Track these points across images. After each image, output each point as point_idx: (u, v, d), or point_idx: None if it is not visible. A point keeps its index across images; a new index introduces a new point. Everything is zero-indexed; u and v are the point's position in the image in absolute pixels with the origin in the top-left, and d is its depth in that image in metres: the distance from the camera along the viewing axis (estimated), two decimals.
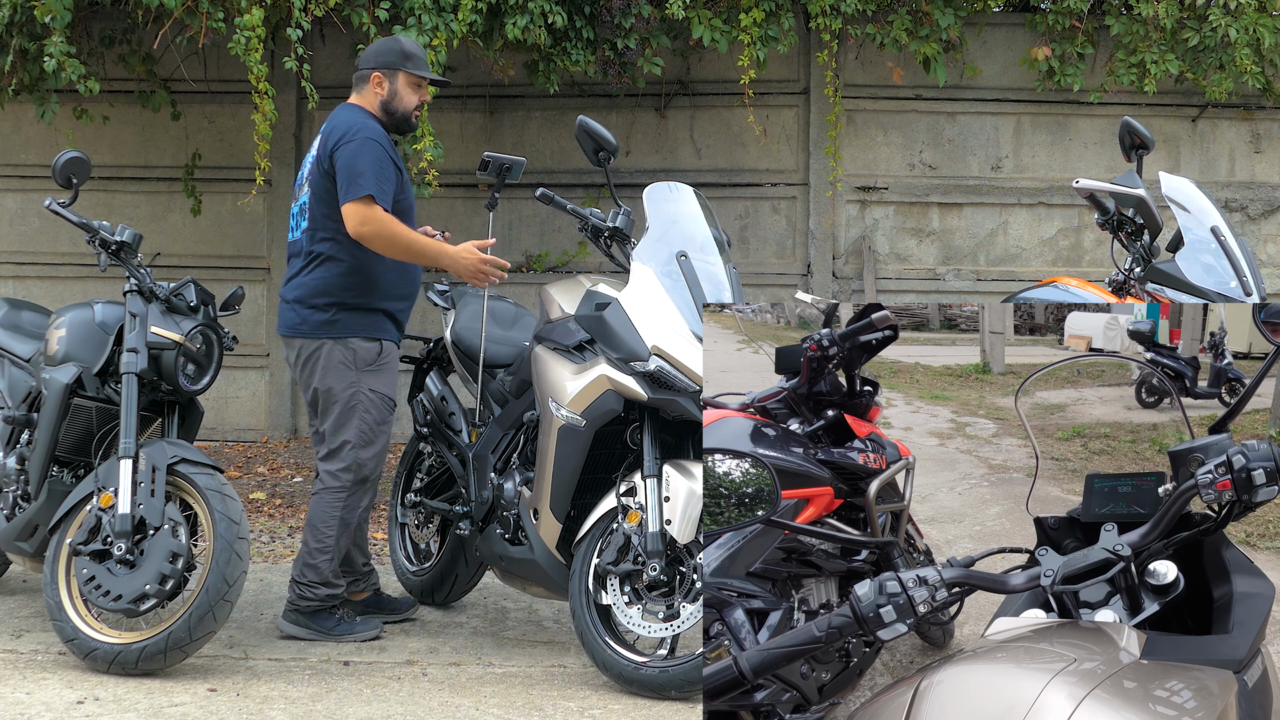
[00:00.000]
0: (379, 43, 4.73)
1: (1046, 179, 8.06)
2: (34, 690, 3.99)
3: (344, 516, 4.52)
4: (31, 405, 4.78)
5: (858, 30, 7.44)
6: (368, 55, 4.64)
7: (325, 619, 4.56)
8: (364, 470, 4.52)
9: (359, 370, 4.49)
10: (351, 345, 4.48)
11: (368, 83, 4.58)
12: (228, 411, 8.25)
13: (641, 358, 4.04)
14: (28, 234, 8.34)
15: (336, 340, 4.47)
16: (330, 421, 4.51)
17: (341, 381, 4.47)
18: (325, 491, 4.52)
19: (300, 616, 4.55)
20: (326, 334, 4.47)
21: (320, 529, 4.50)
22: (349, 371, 4.48)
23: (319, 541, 4.50)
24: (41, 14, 6.29)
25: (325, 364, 4.48)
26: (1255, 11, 7.01)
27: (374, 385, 4.52)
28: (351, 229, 4.35)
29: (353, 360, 4.48)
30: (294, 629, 4.56)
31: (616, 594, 4.06)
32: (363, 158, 4.36)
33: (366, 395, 4.50)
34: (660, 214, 4.30)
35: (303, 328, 4.51)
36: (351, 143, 4.39)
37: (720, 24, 7.09)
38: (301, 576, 4.53)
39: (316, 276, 4.49)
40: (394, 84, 4.56)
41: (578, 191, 7.86)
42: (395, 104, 4.57)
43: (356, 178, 4.34)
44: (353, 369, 4.48)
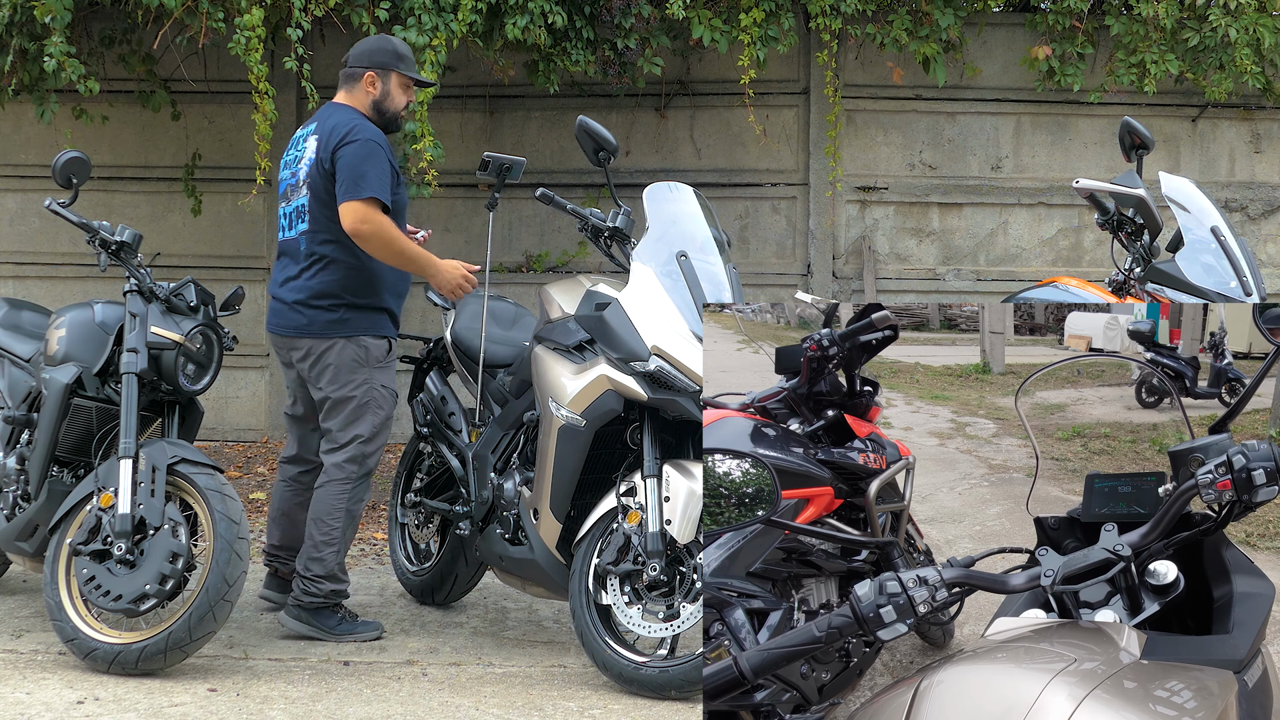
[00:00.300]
0: (369, 41, 4.75)
1: (1046, 179, 8.06)
2: (34, 690, 3.99)
3: (350, 508, 4.55)
4: (31, 405, 4.78)
5: (858, 30, 7.44)
6: (359, 54, 4.65)
7: (328, 617, 4.56)
8: (369, 464, 4.58)
9: (371, 367, 4.54)
10: (363, 343, 4.53)
11: (359, 81, 4.61)
12: (228, 411, 8.25)
13: (641, 358, 4.04)
14: (28, 234, 8.34)
15: (348, 339, 4.52)
16: (342, 417, 4.54)
17: (356, 378, 4.52)
18: (331, 484, 4.54)
19: (303, 613, 4.54)
20: (338, 333, 4.51)
21: (327, 521, 4.52)
22: (362, 369, 4.53)
23: (325, 534, 4.51)
24: (41, 14, 6.29)
25: (338, 362, 4.51)
26: (1255, 11, 7.01)
27: (384, 381, 4.59)
28: (349, 225, 4.38)
29: (365, 358, 4.53)
30: (297, 625, 4.55)
31: (616, 594, 4.06)
32: (367, 159, 4.40)
33: (379, 391, 4.56)
34: (660, 214, 4.30)
35: (311, 328, 4.53)
36: (355, 143, 4.42)
37: (720, 24, 7.09)
38: (307, 571, 4.52)
39: (322, 278, 4.52)
40: (387, 84, 4.60)
41: (578, 191, 7.86)
42: (387, 104, 4.61)
43: (360, 179, 4.37)
44: (365, 366, 4.53)
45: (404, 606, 5.10)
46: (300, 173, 4.58)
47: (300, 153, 4.60)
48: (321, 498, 4.54)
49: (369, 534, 6.27)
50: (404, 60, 4.64)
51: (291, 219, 4.61)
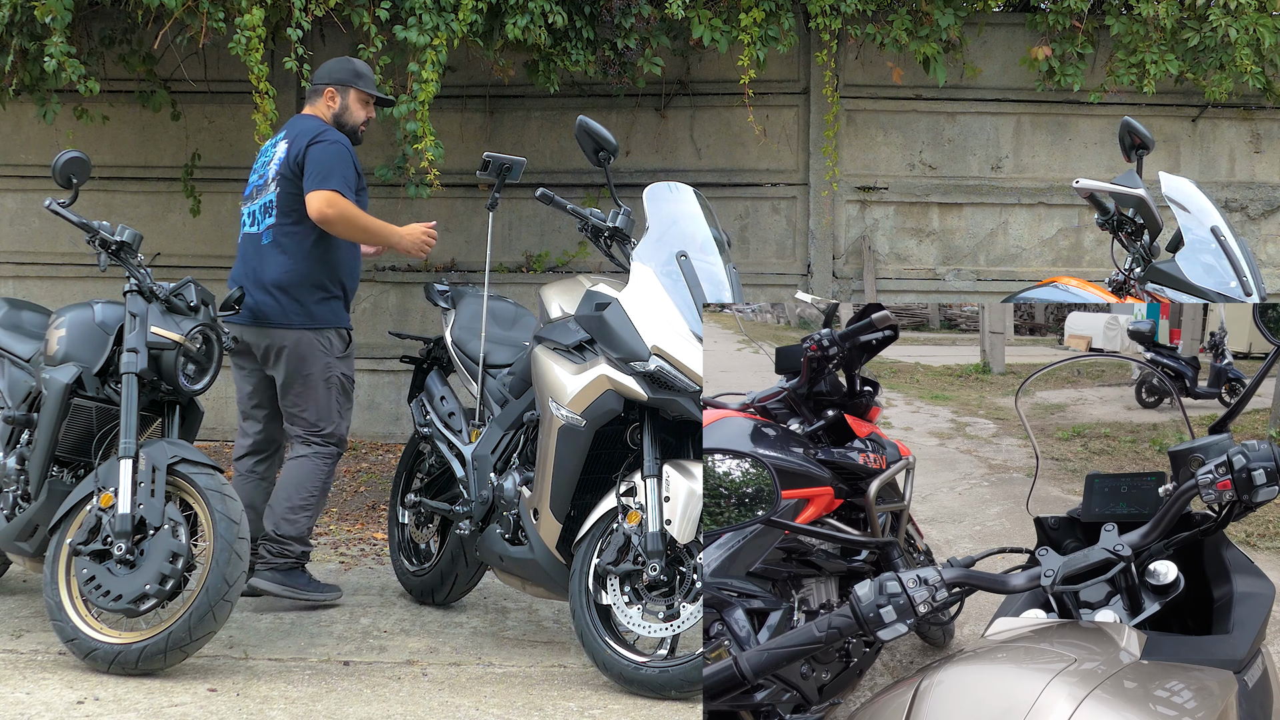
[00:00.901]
0: (332, 61, 5.19)
1: (1046, 179, 8.06)
2: (34, 690, 3.99)
3: (326, 481, 4.95)
4: (31, 405, 4.79)
5: (858, 30, 7.43)
6: (321, 72, 5.12)
7: (298, 576, 4.89)
8: (344, 443, 5.03)
9: (332, 356, 4.94)
10: (325, 335, 4.93)
11: (321, 96, 5.06)
12: (228, 411, 8.24)
13: (641, 358, 4.04)
14: (28, 234, 8.34)
15: (313, 330, 4.90)
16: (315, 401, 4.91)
17: (319, 364, 4.90)
18: (314, 456, 4.91)
19: (276, 574, 4.84)
20: (303, 323, 4.89)
21: (307, 486, 4.88)
22: (325, 356, 4.92)
23: (303, 499, 4.87)
24: (41, 14, 6.29)
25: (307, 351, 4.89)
26: (1255, 11, 7.00)
27: (344, 370, 5.00)
28: (315, 210, 4.76)
29: (328, 347, 4.93)
30: (268, 585, 4.82)
31: (616, 594, 4.06)
32: (336, 159, 4.81)
33: (340, 378, 4.97)
34: (660, 214, 4.30)
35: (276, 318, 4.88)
36: (323, 143, 4.83)
37: (720, 24, 7.09)
38: (279, 531, 4.84)
39: (287, 270, 4.87)
40: (345, 99, 5.04)
41: (578, 191, 7.86)
42: (345, 118, 5.03)
43: (329, 173, 4.78)
44: (328, 354, 4.93)
45: (404, 606, 5.10)
46: (269, 173, 4.96)
47: (269, 157, 5.00)
48: (298, 466, 4.90)
49: (369, 534, 6.27)
50: (362, 78, 5.06)
51: (256, 215, 4.99)
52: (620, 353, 4.08)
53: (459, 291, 5.14)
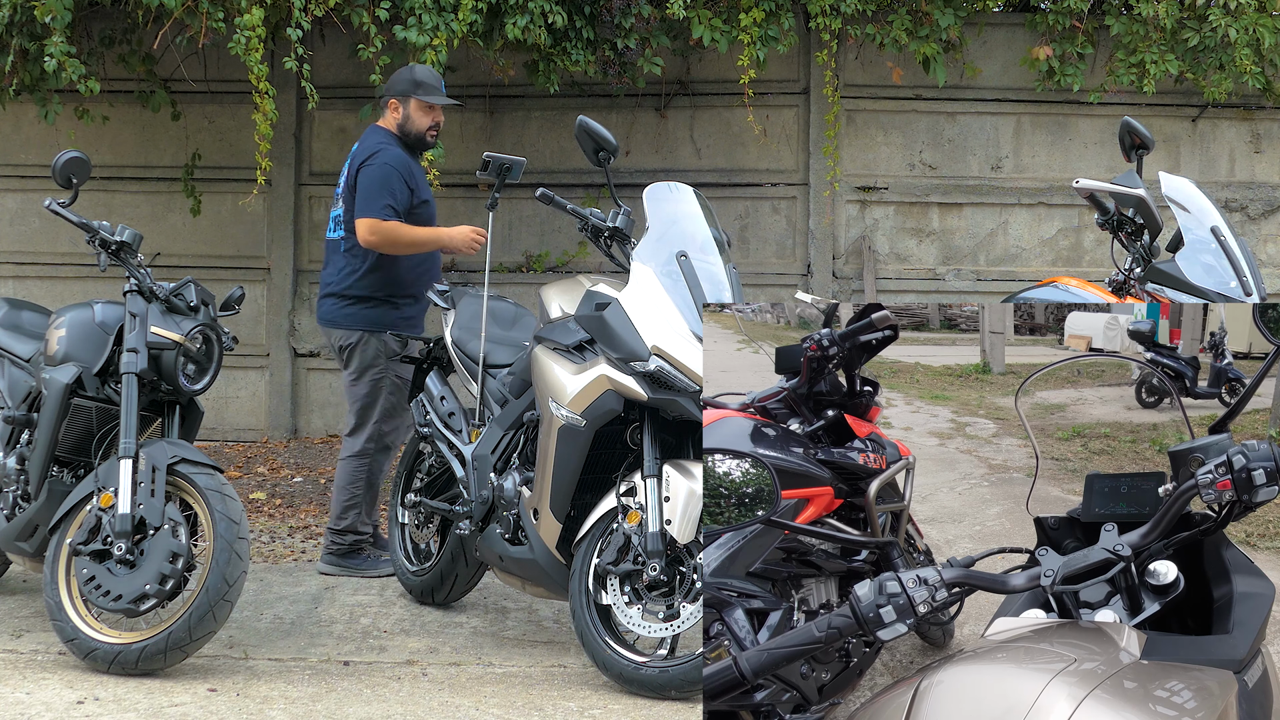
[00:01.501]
0: (397, 71, 5.43)
1: (1046, 179, 8.06)
2: (34, 690, 3.99)
3: (370, 477, 5.32)
4: (31, 405, 4.78)
5: (857, 30, 7.43)
6: (388, 83, 5.40)
7: (353, 558, 5.36)
8: (385, 440, 5.33)
9: (387, 359, 5.24)
10: (383, 338, 5.24)
11: (387, 108, 5.32)
12: (228, 411, 8.25)
13: (641, 358, 4.04)
14: (28, 234, 8.34)
15: (371, 333, 5.23)
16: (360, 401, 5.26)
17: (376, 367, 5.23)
18: (358, 455, 5.29)
19: (335, 559, 5.35)
20: (362, 326, 5.23)
21: (349, 487, 5.31)
22: (380, 359, 5.23)
23: (348, 497, 5.30)
24: (41, 14, 6.29)
25: (361, 352, 5.23)
26: (1255, 11, 7.01)
27: (399, 372, 5.27)
28: (361, 239, 5.11)
29: (384, 349, 5.23)
30: (330, 568, 5.34)
31: (616, 594, 4.06)
32: (378, 183, 5.08)
33: (393, 380, 5.27)
34: (660, 214, 4.30)
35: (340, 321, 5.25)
36: (370, 167, 5.12)
37: (720, 24, 7.09)
38: (336, 525, 5.33)
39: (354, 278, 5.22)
40: (406, 109, 5.25)
41: (578, 191, 7.86)
42: (409, 126, 5.26)
43: (368, 200, 5.08)
44: (383, 357, 5.23)
45: (404, 606, 5.09)
46: (340, 186, 5.31)
47: (345, 167, 5.32)
48: (343, 467, 5.33)
49: None
50: (421, 86, 5.23)
51: (335, 222, 5.34)
52: (620, 353, 4.08)
53: (459, 291, 5.14)
